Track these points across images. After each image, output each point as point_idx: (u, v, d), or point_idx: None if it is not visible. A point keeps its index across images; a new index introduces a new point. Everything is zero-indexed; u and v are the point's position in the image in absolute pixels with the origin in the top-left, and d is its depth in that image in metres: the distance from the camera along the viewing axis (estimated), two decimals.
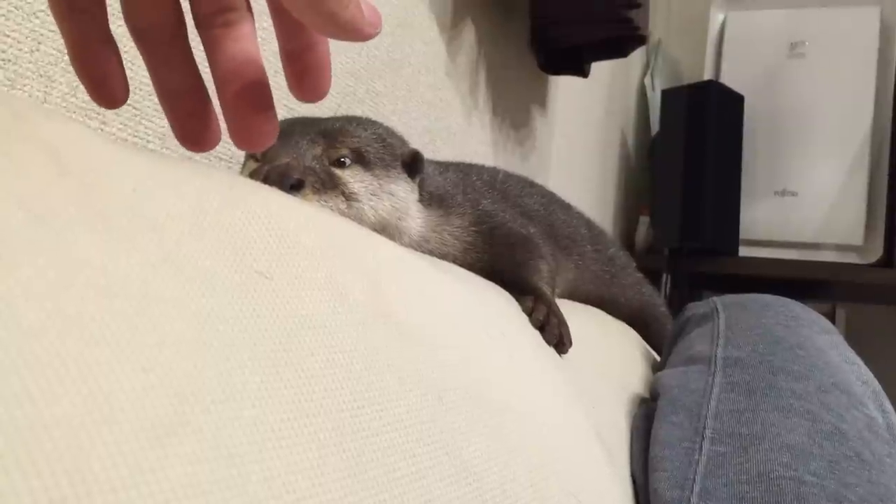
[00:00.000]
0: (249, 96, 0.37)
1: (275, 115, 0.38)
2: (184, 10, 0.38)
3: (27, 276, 0.24)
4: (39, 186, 0.27)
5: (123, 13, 0.36)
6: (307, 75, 0.38)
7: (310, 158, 0.59)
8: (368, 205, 0.62)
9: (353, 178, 0.61)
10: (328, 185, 0.59)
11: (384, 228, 0.63)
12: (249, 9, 0.38)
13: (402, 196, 0.65)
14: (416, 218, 0.68)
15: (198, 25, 0.38)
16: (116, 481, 0.21)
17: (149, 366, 0.25)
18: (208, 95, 0.39)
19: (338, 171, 0.61)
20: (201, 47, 0.38)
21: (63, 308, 0.24)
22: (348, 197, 0.60)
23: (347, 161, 0.62)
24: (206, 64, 0.39)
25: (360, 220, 0.60)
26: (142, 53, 0.38)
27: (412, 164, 0.68)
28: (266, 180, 0.54)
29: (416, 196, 0.69)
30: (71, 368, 0.23)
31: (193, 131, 0.39)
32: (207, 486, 0.24)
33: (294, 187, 0.56)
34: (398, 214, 0.65)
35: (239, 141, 0.38)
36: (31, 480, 0.19)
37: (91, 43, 0.36)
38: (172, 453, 0.23)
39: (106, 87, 0.37)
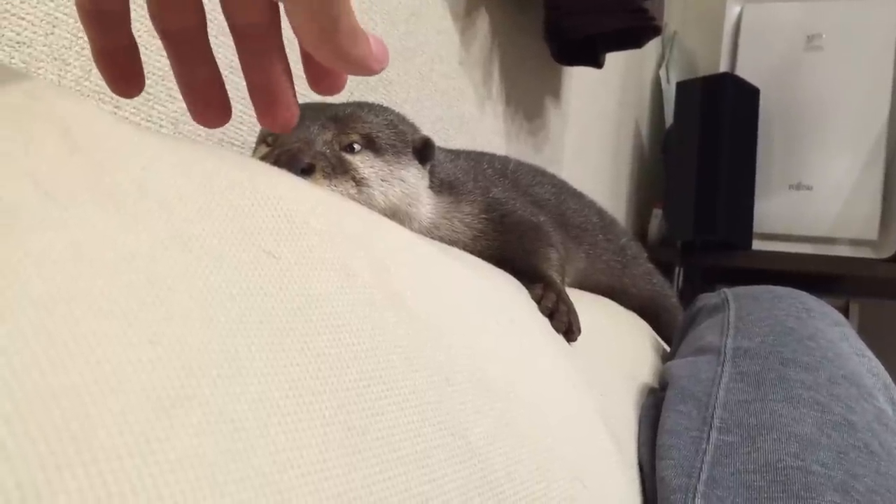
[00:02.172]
0: (276, 97, 0.40)
1: (297, 104, 0.41)
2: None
3: (38, 249, 0.24)
4: (51, 163, 0.28)
5: (151, 17, 0.39)
6: (326, 75, 0.40)
7: (321, 143, 0.60)
8: (378, 190, 0.62)
9: (363, 163, 0.62)
10: (338, 170, 0.59)
11: (394, 214, 0.63)
12: (278, 19, 0.40)
13: (412, 182, 0.66)
14: (426, 204, 0.68)
15: (232, 32, 0.40)
16: (122, 449, 0.22)
17: (156, 339, 0.25)
18: (224, 84, 0.41)
19: (348, 157, 0.61)
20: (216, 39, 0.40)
21: (72, 281, 0.24)
22: (358, 182, 0.61)
23: (358, 146, 0.62)
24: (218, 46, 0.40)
25: (370, 205, 0.60)
26: (167, 50, 0.40)
27: (423, 151, 0.68)
28: (277, 164, 0.54)
29: (426, 182, 0.69)
30: (79, 339, 0.23)
31: (210, 116, 0.41)
32: (213, 458, 0.24)
33: (304, 171, 0.56)
34: (408, 200, 0.65)
35: (263, 122, 0.41)
36: (38, 445, 0.20)
37: (115, 47, 0.38)
38: (178, 424, 0.24)
39: (125, 83, 0.39)
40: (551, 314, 0.67)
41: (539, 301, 0.68)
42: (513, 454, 0.42)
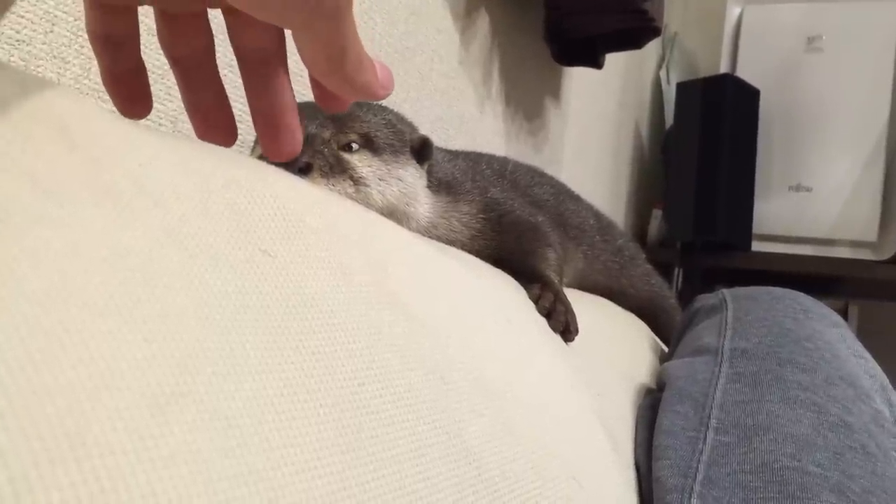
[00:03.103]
0: (281, 125, 0.42)
1: (301, 133, 0.43)
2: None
3: (33, 245, 0.24)
4: (48, 161, 0.28)
5: (160, 43, 0.40)
6: (334, 98, 0.42)
7: (319, 142, 0.60)
8: (376, 189, 0.62)
9: (361, 162, 0.62)
10: (336, 170, 0.60)
11: (392, 213, 0.63)
12: (284, 46, 0.41)
13: (410, 181, 0.66)
14: (424, 204, 0.68)
15: (238, 58, 0.41)
16: (116, 445, 0.22)
17: (151, 336, 0.25)
18: (230, 107, 0.43)
19: (346, 156, 0.61)
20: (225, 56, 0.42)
21: (67, 277, 0.24)
22: (356, 181, 0.61)
23: (356, 146, 0.62)
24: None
25: (367, 204, 0.60)
26: (175, 74, 0.41)
27: (421, 151, 0.68)
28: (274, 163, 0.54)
29: (424, 182, 0.69)
30: (73, 335, 0.23)
31: (215, 137, 0.43)
32: (207, 455, 0.24)
33: (302, 170, 0.56)
34: (406, 200, 0.65)
35: (267, 150, 0.43)
36: (31, 441, 0.20)
37: (124, 72, 0.40)
38: (173, 420, 0.24)
39: (132, 104, 0.41)
40: (549, 314, 0.67)
41: (537, 301, 0.68)
42: (508, 453, 0.42)
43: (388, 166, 0.64)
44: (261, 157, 0.57)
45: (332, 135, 0.61)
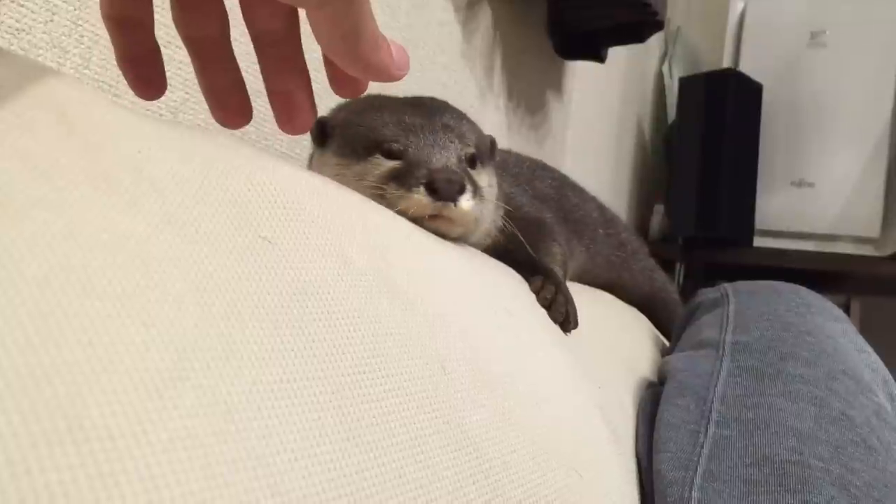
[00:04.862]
0: (295, 103, 0.41)
1: (315, 110, 0.42)
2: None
3: (32, 229, 0.24)
4: (46, 145, 0.28)
5: (175, 24, 0.40)
6: (348, 81, 0.41)
7: (455, 161, 0.57)
8: (493, 203, 0.60)
9: (479, 177, 0.60)
10: (476, 191, 0.57)
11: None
12: (297, 27, 0.40)
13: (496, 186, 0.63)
14: None
15: (252, 39, 0.41)
16: (114, 429, 0.22)
17: (150, 321, 0.25)
18: (245, 88, 0.43)
19: (472, 172, 0.59)
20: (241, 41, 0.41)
21: (66, 261, 0.24)
22: (480, 198, 0.58)
23: (474, 160, 0.60)
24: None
25: (481, 219, 0.58)
26: (190, 55, 0.41)
27: (492, 151, 0.68)
28: (433, 185, 0.53)
29: None
30: (72, 319, 0.23)
31: (230, 118, 0.43)
32: (205, 439, 0.24)
33: (458, 192, 0.54)
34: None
35: (283, 127, 0.42)
36: (30, 424, 0.20)
37: (139, 52, 0.40)
38: (171, 405, 0.24)
39: (147, 86, 0.41)
40: (549, 305, 0.67)
41: (538, 293, 0.67)
42: (509, 443, 0.42)
43: (492, 178, 0.61)
44: (401, 176, 0.55)
45: (461, 149, 0.58)
